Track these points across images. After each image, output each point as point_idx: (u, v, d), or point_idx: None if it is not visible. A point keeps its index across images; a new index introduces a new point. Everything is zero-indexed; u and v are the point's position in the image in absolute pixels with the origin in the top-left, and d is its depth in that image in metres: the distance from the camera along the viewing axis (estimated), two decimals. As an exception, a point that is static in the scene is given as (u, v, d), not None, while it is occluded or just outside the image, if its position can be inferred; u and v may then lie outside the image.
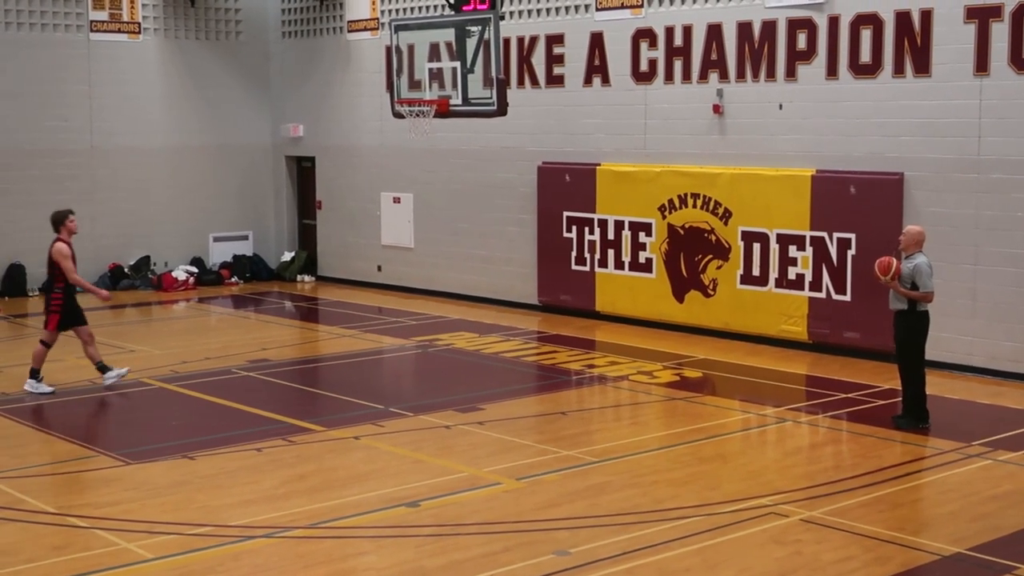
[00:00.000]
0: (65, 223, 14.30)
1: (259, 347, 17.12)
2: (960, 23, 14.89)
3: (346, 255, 23.86)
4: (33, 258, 22.09)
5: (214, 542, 9.22)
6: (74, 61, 22.49)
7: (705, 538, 9.24)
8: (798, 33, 16.52)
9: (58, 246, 14.20)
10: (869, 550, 8.99)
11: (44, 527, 9.59)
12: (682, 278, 17.92)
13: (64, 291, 14.22)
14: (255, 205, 24.98)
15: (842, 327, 16.13)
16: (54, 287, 14.28)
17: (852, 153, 16.08)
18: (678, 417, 13.29)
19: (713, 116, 17.50)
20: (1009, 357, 14.81)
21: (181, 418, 13.33)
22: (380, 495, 10.37)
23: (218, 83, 24.24)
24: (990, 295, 14.94)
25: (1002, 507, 10.00)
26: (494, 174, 20.68)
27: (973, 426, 12.68)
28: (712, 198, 17.43)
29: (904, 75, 15.48)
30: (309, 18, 24.16)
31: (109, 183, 23.00)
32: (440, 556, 8.90)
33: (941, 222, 15.14)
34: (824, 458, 11.87)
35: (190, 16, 23.85)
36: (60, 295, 14.23)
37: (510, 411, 13.37)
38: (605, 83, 18.88)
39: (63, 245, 14.21)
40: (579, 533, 9.38)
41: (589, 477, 10.86)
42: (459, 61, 15.61)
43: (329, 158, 24.04)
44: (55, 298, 14.26)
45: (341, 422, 12.89)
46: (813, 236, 16.34)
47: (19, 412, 13.29)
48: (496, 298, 20.72)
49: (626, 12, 18.52)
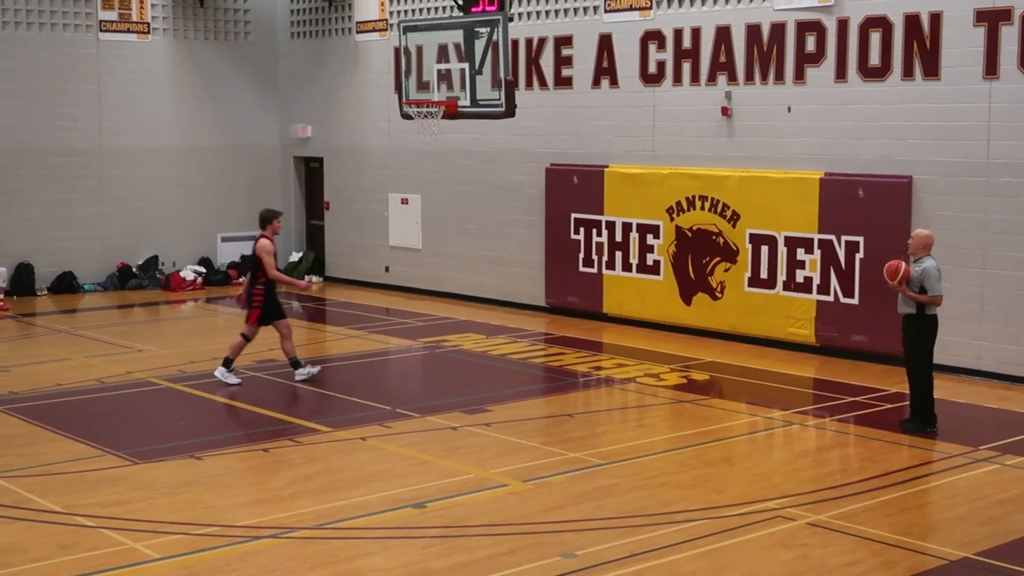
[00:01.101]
0: (273, 223, 14.65)
1: (266, 347, 17.11)
2: (970, 26, 14.87)
3: (354, 256, 23.88)
4: (41, 258, 22.21)
5: (221, 542, 9.23)
6: (83, 61, 22.54)
7: (712, 541, 9.23)
8: (807, 35, 16.50)
9: (263, 242, 14.53)
10: (876, 554, 8.97)
11: (51, 526, 9.61)
12: (690, 280, 17.91)
13: (265, 286, 14.55)
14: (263, 205, 24.74)
15: (850, 330, 16.11)
16: (256, 282, 14.57)
17: (860, 156, 16.06)
18: (685, 420, 13.28)
19: (721, 118, 17.49)
20: (1017, 361, 14.78)
21: (188, 418, 13.35)
22: (386, 496, 10.37)
23: (227, 83, 24.27)
24: (998, 299, 14.91)
25: (1010, 512, 9.98)
26: (502, 175, 20.68)
27: (981, 430, 12.65)
28: (720, 200, 17.41)
29: (913, 78, 15.46)
30: (318, 19, 24.18)
31: (118, 183, 23.04)
32: (446, 557, 8.89)
33: (949, 226, 15.11)
34: (831, 462, 11.85)
35: (199, 16, 23.89)
36: (261, 290, 14.57)
37: (517, 413, 13.37)
38: (613, 85, 18.87)
39: (267, 242, 14.52)
40: (586, 535, 9.37)
41: (596, 479, 10.85)
42: (467, 62, 15.63)
43: (337, 159, 24.06)
44: (256, 293, 14.58)
45: (348, 423, 12.89)
46: (821, 239, 16.32)
47: (27, 411, 13.31)
48: (503, 299, 20.73)
49: (635, 14, 18.52)
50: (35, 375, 15.04)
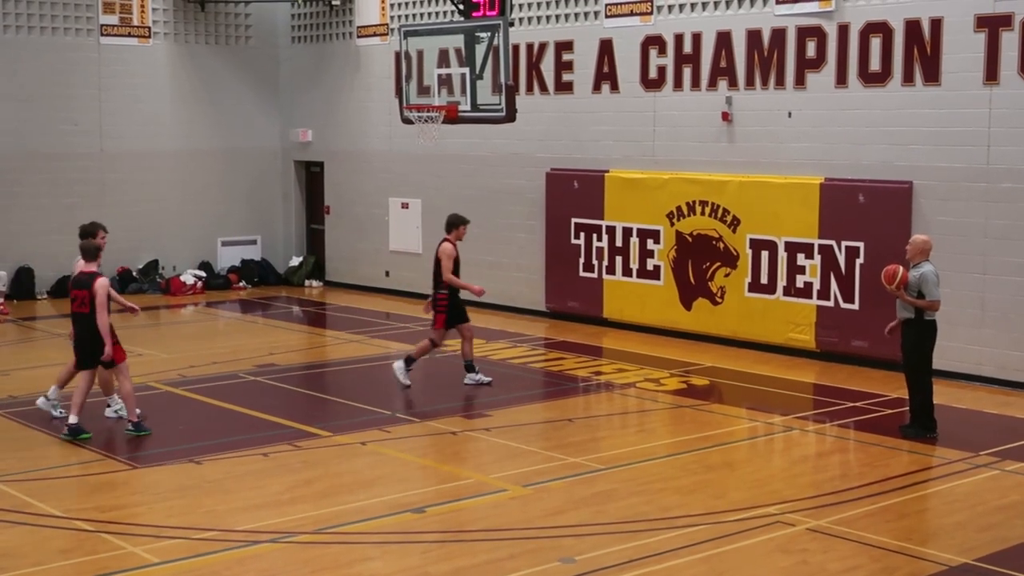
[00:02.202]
0: (458, 228, 14.85)
1: (266, 352, 17.13)
2: (970, 32, 14.87)
3: (354, 260, 23.87)
4: (42, 262, 22.20)
5: (220, 547, 9.23)
6: (84, 65, 22.55)
7: (711, 546, 9.22)
8: (807, 41, 16.51)
9: (445, 246, 14.67)
10: (876, 560, 8.97)
11: (51, 530, 9.60)
12: (690, 285, 17.91)
13: (449, 290, 14.63)
14: (263, 210, 25.02)
15: (850, 336, 16.10)
16: (440, 287, 14.68)
17: (861, 161, 16.06)
18: (685, 425, 13.27)
19: (722, 123, 17.50)
20: (1018, 367, 14.77)
21: (188, 422, 13.34)
22: (386, 501, 10.36)
23: (227, 88, 24.29)
24: (999, 305, 14.90)
25: (1010, 518, 9.98)
26: (502, 180, 20.68)
27: (981, 436, 12.65)
28: (720, 206, 17.42)
29: (914, 84, 15.47)
30: (319, 23, 24.20)
31: (118, 187, 23.04)
32: (446, 562, 8.89)
33: (950, 231, 15.11)
34: (831, 467, 11.85)
35: (200, 21, 23.90)
36: (445, 295, 14.70)
37: (517, 418, 13.36)
38: (614, 90, 18.88)
39: (450, 246, 14.67)
40: (585, 540, 9.37)
41: (595, 484, 10.85)
42: (468, 67, 15.63)
43: (338, 163, 24.06)
44: (441, 298, 14.71)
45: (348, 427, 12.89)
46: (821, 244, 16.32)
47: (27, 415, 13.30)
48: (503, 304, 20.71)
49: (635, 19, 18.53)
50: (35, 379, 15.02)
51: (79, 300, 12.31)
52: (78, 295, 12.33)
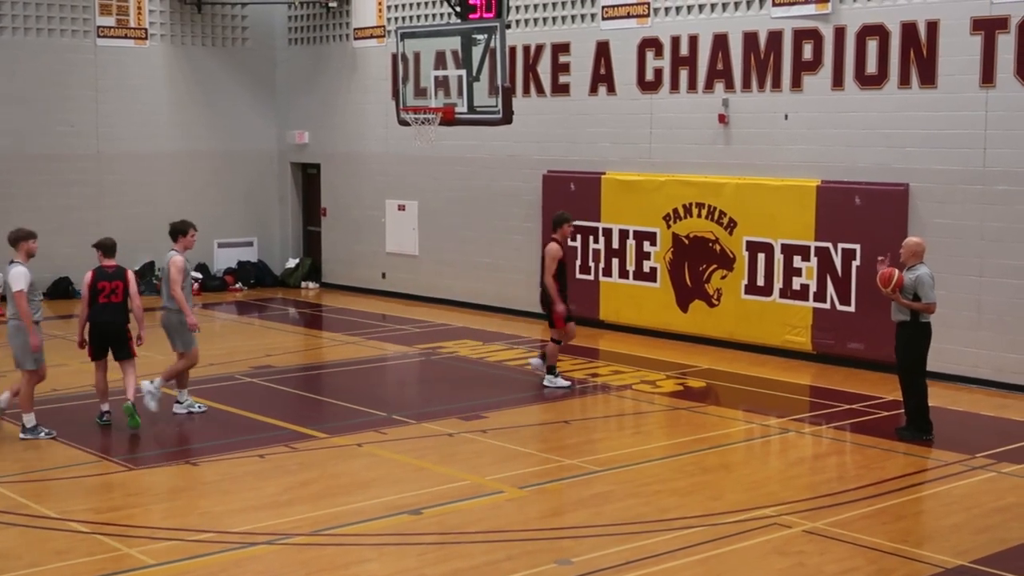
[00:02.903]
0: (563, 227, 14.70)
1: (263, 353, 17.12)
2: (966, 34, 14.89)
3: (350, 262, 23.87)
4: (38, 263, 21.96)
5: (216, 548, 9.22)
6: (81, 67, 22.54)
7: (708, 548, 9.22)
8: (804, 43, 16.53)
9: (551, 246, 14.55)
10: (872, 562, 8.97)
11: (46, 532, 9.59)
12: (686, 288, 17.92)
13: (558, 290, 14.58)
14: (260, 212, 25.01)
15: (846, 338, 16.11)
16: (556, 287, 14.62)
17: (857, 164, 16.07)
18: (681, 427, 13.28)
19: (718, 126, 17.50)
20: (1014, 369, 14.79)
21: (184, 424, 13.33)
22: (383, 502, 10.36)
23: (224, 90, 24.28)
24: (995, 307, 14.92)
25: (1006, 520, 9.98)
26: (499, 182, 20.69)
27: (977, 438, 12.66)
28: (717, 208, 17.42)
29: (910, 86, 15.48)
30: (315, 25, 24.19)
31: (115, 188, 23.03)
32: (442, 564, 8.89)
33: (946, 233, 15.13)
34: (827, 469, 11.85)
35: (197, 23, 23.90)
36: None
37: (513, 419, 13.36)
38: (611, 92, 18.89)
39: (556, 246, 14.55)
40: (582, 542, 9.37)
41: (592, 486, 10.85)
42: (465, 69, 15.64)
43: (334, 165, 24.06)
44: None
45: (344, 429, 12.88)
46: (818, 246, 16.33)
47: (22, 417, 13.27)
48: (500, 306, 20.72)
49: (632, 21, 18.54)
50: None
51: (107, 291, 12.85)
52: (106, 286, 12.87)
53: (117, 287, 12.92)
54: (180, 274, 13.38)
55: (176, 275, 13.33)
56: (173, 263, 13.43)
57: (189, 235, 13.72)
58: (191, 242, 13.76)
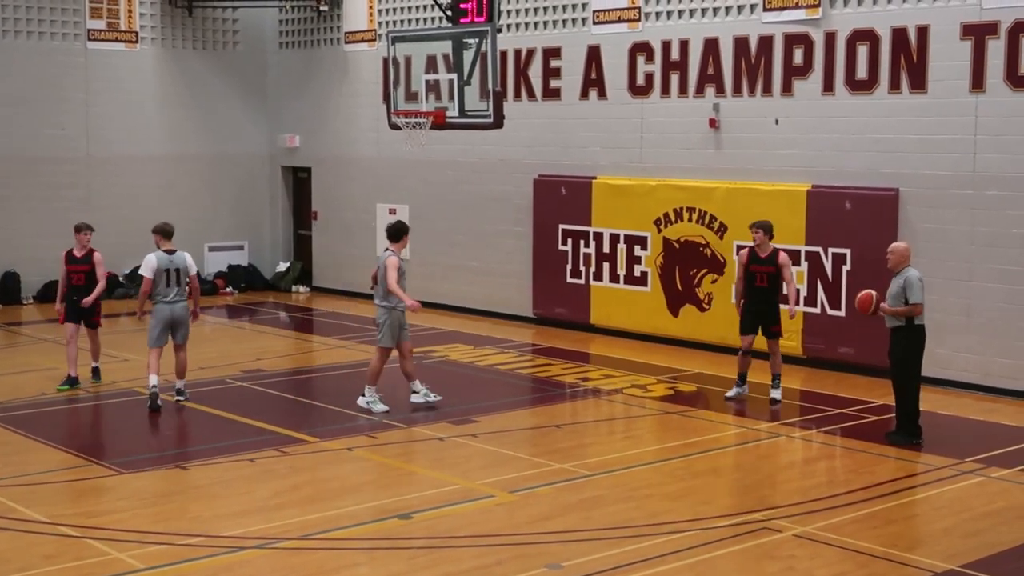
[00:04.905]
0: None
1: (253, 357, 17.10)
2: (956, 40, 14.93)
3: (341, 266, 23.84)
4: (28, 266, 22.13)
5: (206, 552, 9.20)
6: (71, 70, 22.50)
7: (698, 552, 9.22)
8: (795, 48, 16.55)
9: (392, 258, 14.28)
10: (862, 566, 8.98)
11: (36, 536, 9.57)
12: (677, 292, 17.93)
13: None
14: (251, 215, 24.98)
15: (836, 342, 16.13)
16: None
17: (848, 168, 16.10)
18: (672, 431, 13.29)
19: (709, 130, 17.53)
20: (1003, 374, 14.82)
21: (174, 428, 13.30)
22: (373, 507, 10.35)
23: (215, 93, 24.26)
24: (985, 312, 14.95)
25: (996, 524, 10.00)
26: (490, 186, 20.69)
27: (967, 443, 12.68)
28: (708, 212, 17.44)
29: (900, 91, 15.52)
30: (306, 29, 24.18)
31: (105, 191, 22.98)
32: (432, 568, 8.88)
33: (936, 238, 15.16)
34: (817, 473, 11.87)
35: (188, 26, 23.88)
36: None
37: (504, 424, 13.36)
38: (602, 96, 18.90)
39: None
40: (572, 547, 9.36)
41: (582, 490, 10.85)
42: (456, 73, 15.62)
43: (325, 169, 24.04)
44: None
45: (334, 433, 12.87)
46: (808, 251, 16.36)
47: (12, 420, 13.25)
48: (491, 310, 20.72)
49: (623, 26, 18.56)
50: (20, 384, 14.99)
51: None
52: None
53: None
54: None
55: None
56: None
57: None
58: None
